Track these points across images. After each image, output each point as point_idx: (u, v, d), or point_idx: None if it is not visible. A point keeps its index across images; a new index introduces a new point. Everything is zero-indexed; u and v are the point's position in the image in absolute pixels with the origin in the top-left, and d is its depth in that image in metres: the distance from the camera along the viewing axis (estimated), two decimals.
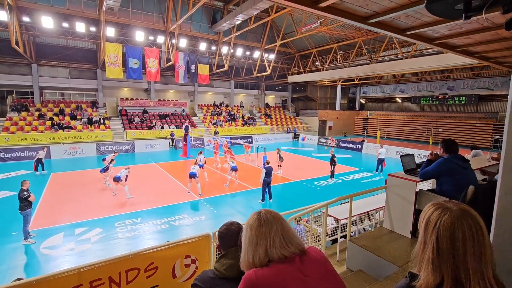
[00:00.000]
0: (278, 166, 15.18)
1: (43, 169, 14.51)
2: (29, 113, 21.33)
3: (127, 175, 10.87)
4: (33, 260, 6.54)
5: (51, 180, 13.24)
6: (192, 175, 10.95)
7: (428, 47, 19.19)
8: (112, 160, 12.68)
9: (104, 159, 13.30)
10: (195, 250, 3.54)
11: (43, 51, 22.50)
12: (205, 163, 13.43)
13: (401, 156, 3.68)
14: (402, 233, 3.36)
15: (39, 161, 14.32)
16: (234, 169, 12.51)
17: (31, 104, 22.34)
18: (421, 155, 18.39)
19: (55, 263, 6.39)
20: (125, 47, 20.67)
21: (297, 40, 28.00)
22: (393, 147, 21.22)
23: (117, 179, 10.57)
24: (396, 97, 34.67)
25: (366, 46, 23.73)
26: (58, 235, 7.65)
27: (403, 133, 31.47)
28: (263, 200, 10.48)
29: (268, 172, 10.24)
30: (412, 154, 3.87)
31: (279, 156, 15.26)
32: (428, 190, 3.37)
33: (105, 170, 12.21)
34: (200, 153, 13.49)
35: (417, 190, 3.27)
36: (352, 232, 5.25)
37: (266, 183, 10.33)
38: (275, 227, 1.15)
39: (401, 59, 20.81)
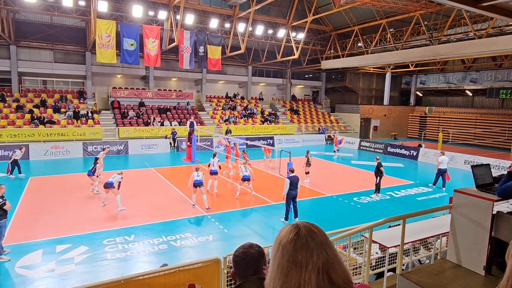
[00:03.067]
0: (306, 173, 15.12)
1: (19, 172, 15.28)
2: (6, 104, 22.60)
3: (119, 182, 11.22)
4: (7, 281, 6.89)
5: (29, 185, 13.93)
6: (198, 184, 11.12)
7: (511, 23, 18.43)
8: (97, 158, 13.31)
9: (97, 159, 13.87)
10: (201, 278, 3.59)
11: (23, 30, 23.81)
12: (219, 168, 13.71)
13: (472, 166, 3.56)
14: (473, 269, 3.25)
15: (15, 162, 15.11)
16: (245, 179, 12.54)
17: (8, 94, 23.66)
18: (500, 165, 17.86)
19: (33, 286, 6.70)
20: (119, 24, 21.42)
21: (334, 15, 27.77)
22: (461, 155, 20.59)
23: (108, 186, 10.91)
24: (466, 89, 33.49)
25: (425, 22, 23.11)
26: (36, 252, 8.02)
27: (475, 136, 30.30)
28: (286, 218, 10.46)
29: (293, 183, 10.23)
30: (488, 165, 3.74)
31: (307, 160, 15.21)
32: (510, 212, 3.24)
33: (93, 172, 12.69)
34: (215, 155, 13.79)
35: (494, 212, 3.16)
36: (403, 265, 5.12)
37: (291, 197, 10.31)
38: (316, 257, 1.05)
39: (473, 38, 20.07)
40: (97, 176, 12.89)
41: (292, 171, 10.52)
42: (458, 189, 3.49)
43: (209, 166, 12.85)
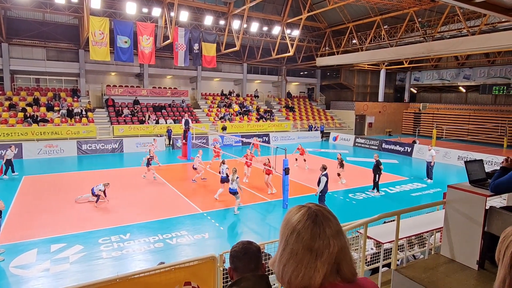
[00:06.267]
0: (338, 174, 15.08)
1: (13, 171, 15.12)
2: None
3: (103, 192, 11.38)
4: (1, 281, 6.84)
5: (23, 184, 13.79)
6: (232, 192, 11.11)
7: (504, 20, 18.54)
8: (150, 150, 15.33)
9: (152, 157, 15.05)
10: (197, 275, 3.59)
11: (15, 28, 23.48)
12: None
13: (465, 162, 3.57)
14: (466, 263, 3.28)
15: (8, 162, 14.93)
16: (232, 192, 11.17)
17: (0, 92, 23.36)
18: (493, 161, 18.00)
19: (27, 286, 6.65)
20: (113, 22, 21.22)
21: (328, 12, 27.77)
22: (455, 151, 20.72)
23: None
24: (459, 86, 33.71)
25: (419, 19, 23.19)
26: (30, 252, 7.95)
27: (468, 132, 30.54)
28: None
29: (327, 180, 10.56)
30: (481, 160, 3.74)
31: (341, 161, 15.14)
32: (503, 207, 3.27)
33: (148, 163, 14.71)
34: (223, 162, 13.87)
35: (487, 207, 3.19)
36: (398, 260, 5.16)
37: (325, 193, 10.58)
38: (332, 247, 1.01)
39: (466, 35, 20.21)
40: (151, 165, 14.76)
41: (325, 168, 10.63)
42: (451, 185, 3.50)
43: (219, 173, 12.57)
